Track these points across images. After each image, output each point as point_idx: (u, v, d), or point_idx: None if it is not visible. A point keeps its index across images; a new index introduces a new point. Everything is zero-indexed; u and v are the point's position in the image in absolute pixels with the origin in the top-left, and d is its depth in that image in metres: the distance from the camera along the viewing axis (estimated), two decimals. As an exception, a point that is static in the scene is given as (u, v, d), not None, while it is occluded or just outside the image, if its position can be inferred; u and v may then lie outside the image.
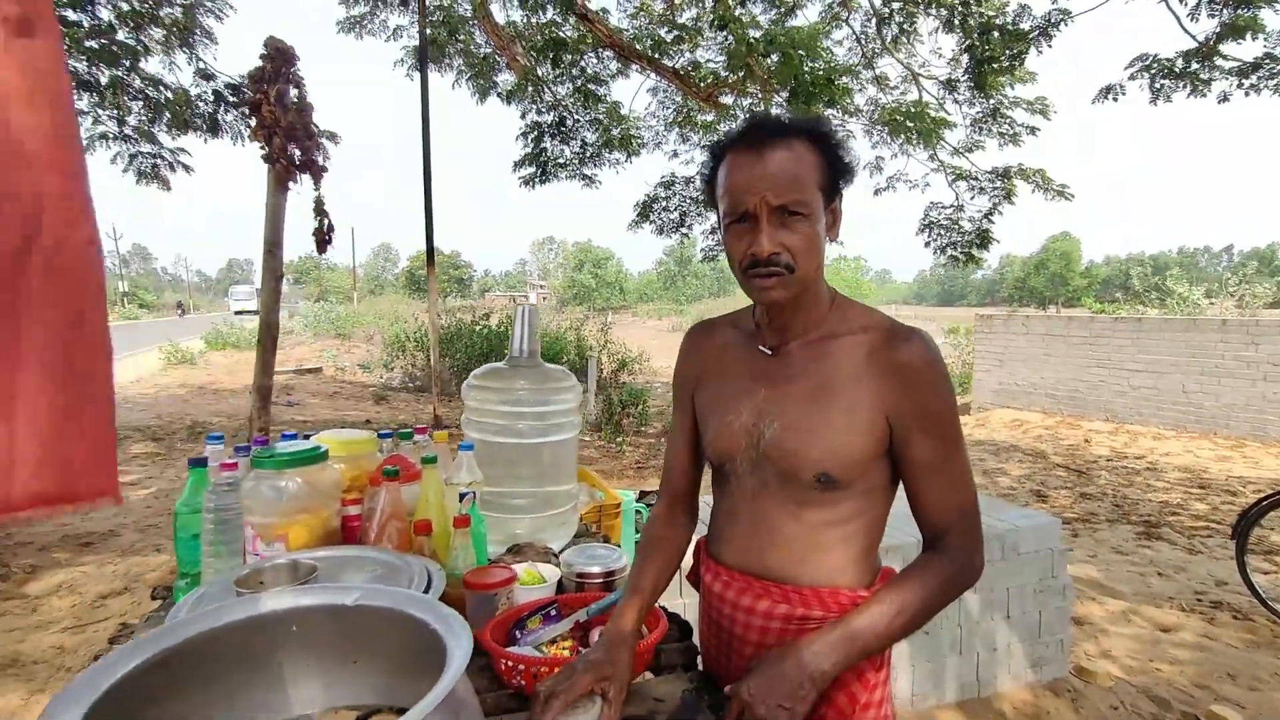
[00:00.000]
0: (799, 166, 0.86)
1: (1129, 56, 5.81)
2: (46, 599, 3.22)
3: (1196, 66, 5.47)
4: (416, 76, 7.04)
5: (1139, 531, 4.47)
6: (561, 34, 6.84)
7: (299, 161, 4.05)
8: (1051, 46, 5.95)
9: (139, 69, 6.14)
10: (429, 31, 6.95)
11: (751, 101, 7.27)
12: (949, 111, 7.20)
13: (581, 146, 8.20)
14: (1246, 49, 5.28)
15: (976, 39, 6.10)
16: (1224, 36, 5.18)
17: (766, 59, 6.25)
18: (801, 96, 5.96)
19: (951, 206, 7.62)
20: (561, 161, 8.24)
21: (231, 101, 6.25)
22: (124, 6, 5.91)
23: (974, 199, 7.49)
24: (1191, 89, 5.60)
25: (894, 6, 6.59)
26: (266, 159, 4.00)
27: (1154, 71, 5.64)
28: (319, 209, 4.28)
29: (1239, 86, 5.46)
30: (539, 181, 8.25)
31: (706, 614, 1.07)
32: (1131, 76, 5.73)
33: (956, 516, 0.90)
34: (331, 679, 0.82)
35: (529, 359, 1.50)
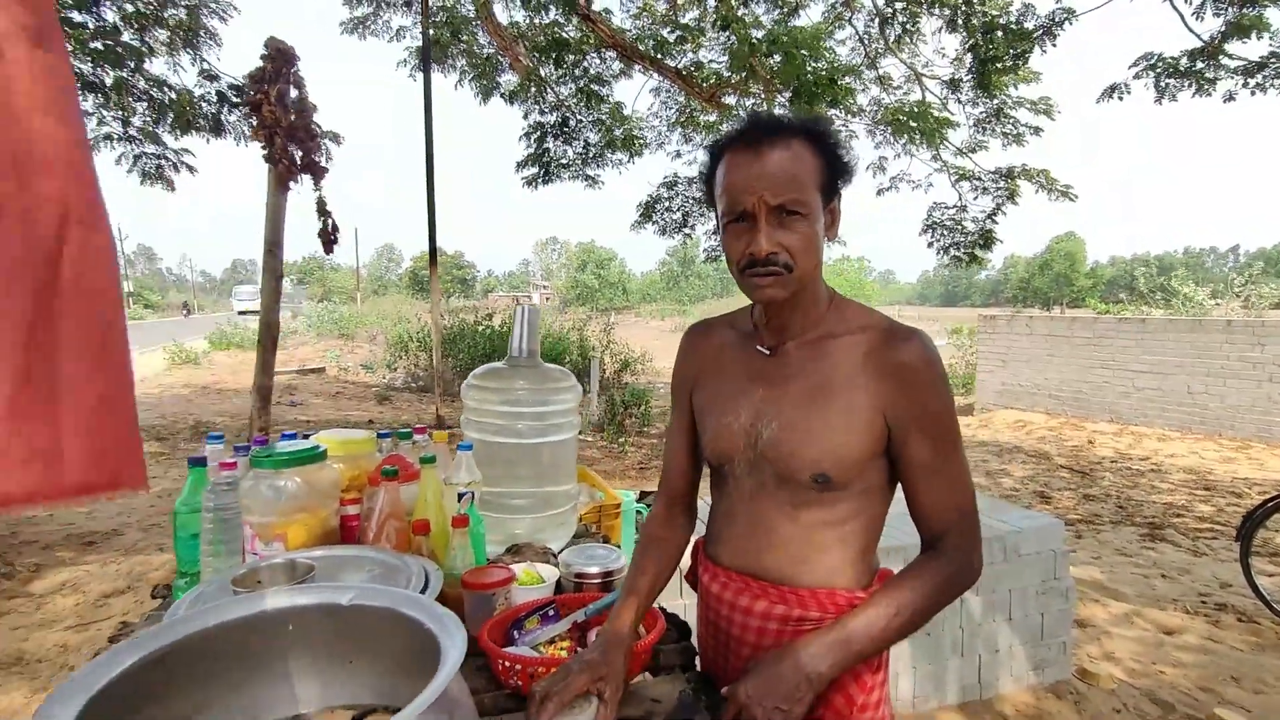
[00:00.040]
0: (797, 166, 0.86)
1: (1133, 55, 5.77)
2: (50, 597, 3.23)
3: (1202, 65, 5.44)
4: (419, 77, 7.06)
5: (1143, 533, 4.45)
6: (564, 34, 6.84)
7: (300, 162, 4.06)
8: (1056, 45, 5.92)
9: (143, 70, 6.17)
10: (432, 32, 6.96)
11: (754, 102, 7.26)
12: (952, 112, 7.18)
13: (584, 147, 8.21)
14: (1252, 48, 5.26)
15: (980, 38, 6.08)
16: (1229, 35, 5.16)
17: (769, 59, 6.25)
18: (804, 97, 5.95)
19: (955, 207, 7.60)
20: (564, 162, 8.25)
21: (234, 102, 6.27)
22: (129, 8, 5.93)
23: (977, 199, 7.47)
24: (1197, 88, 5.57)
25: (897, 6, 6.57)
26: (268, 159, 4.00)
27: (1159, 70, 5.60)
28: (321, 209, 4.28)
29: (1244, 86, 5.43)
30: (542, 182, 8.26)
31: (704, 615, 1.07)
32: (1136, 75, 5.70)
33: (955, 517, 0.90)
34: (328, 678, 0.82)
35: (528, 359, 1.50)
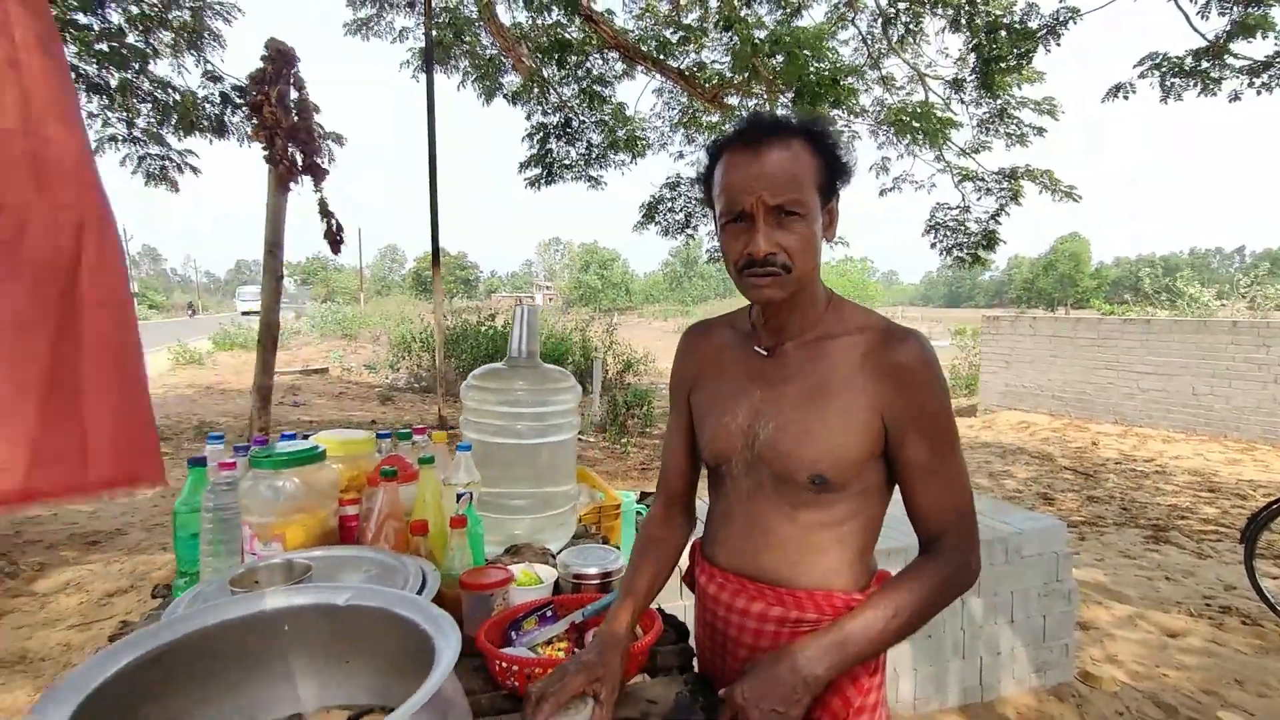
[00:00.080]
0: (796, 166, 0.86)
1: (1138, 54, 5.73)
2: (54, 596, 3.25)
3: (1207, 65, 5.41)
4: (421, 78, 7.07)
5: (1147, 535, 4.43)
6: (567, 35, 6.85)
7: (301, 164, 4.07)
8: (1060, 45, 5.90)
9: (148, 72, 6.19)
10: (435, 33, 6.97)
11: (757, 102, 7.25)
12: (955, 112, 7.16)
13: (587, 148, 8.21)
14: (1257, 48, 5.23)
15: (983, 38, 6.06)
16: (1234, 35, 5.13)
17: (772, 59, 6.24)
18: (807, 97, 5.93)
19: (958, 207, 7.58)
20: (567, 163, 8.25)
21: (237, 103, 6.29)
22: (134, 10, 5.96)
23: (980, 200, 7.44)
24: (1202, 88, 5.53)
25: (900, 6, 6.55)
26: (268, 160, 4.01)
27: (1164, 70, 5.57)
28: (324, 210, 4.29)
29: (1250, 85, 5.40)
30: (545, 183, 8.27)
31: (701, 616, 1.07)
32: (1141, 75, 5.66)
33: (953, 518, 0.90)
34: (325, 678, 0.82)
35: (528, 359, 1.50)
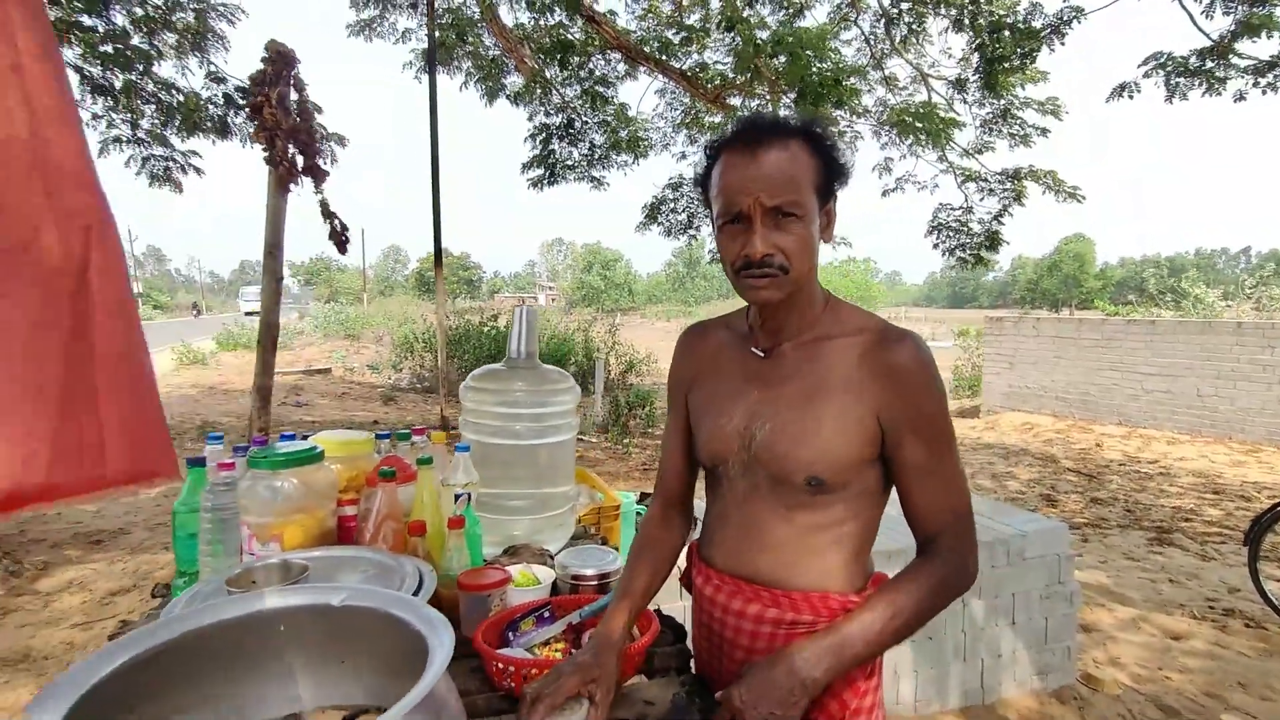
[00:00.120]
0: (794, 167, 0.86)
1: (1143, 53, 5.71)
2: (58, 595, 3.26)
3: (1212, 65, 5.39)
4: (423, 78, 7.08)
5: (1151, 537, 4.41)
6: (569, 36, 6.85)
7: (301, 166, 4.07)
8: (1064, 44, 5.88)
9: (152, 73, 6.22)
10: (437, 34, 6.98)
11: (759, 103, 7.25)
12: (958, 112, 7.14)
13: (589, 148, 8.21)
14: (1262, 47, 5.21)
15: (987, 38, 6.04)
16: (1239, 35, 5.11)
17: (774, 60, 6.24)
18: (809, 97, 5.93)
19: (960, 208, 7.56)
20: (570, 163, 8.26)
21: (240, 104, 6.32)
22: (138, 12, 5.99)
23: (983, 200, 7.42)
24: (1207, 87, 5.51)
25: (903, 6, 6.53)
26: (268, 161, 4.01)
27: (1169, 69, 5.55)
28: (326, 211, 4.30)
29: (1255, 85, 5.37)
30: (547, 183, 8.27)
31: (698, 617, 1.06)
32: (1146, 74, 5.64)
33: (950, 519, 0.90)
34: (320, 678, 0.82)
35: (527, 360, 1.50)
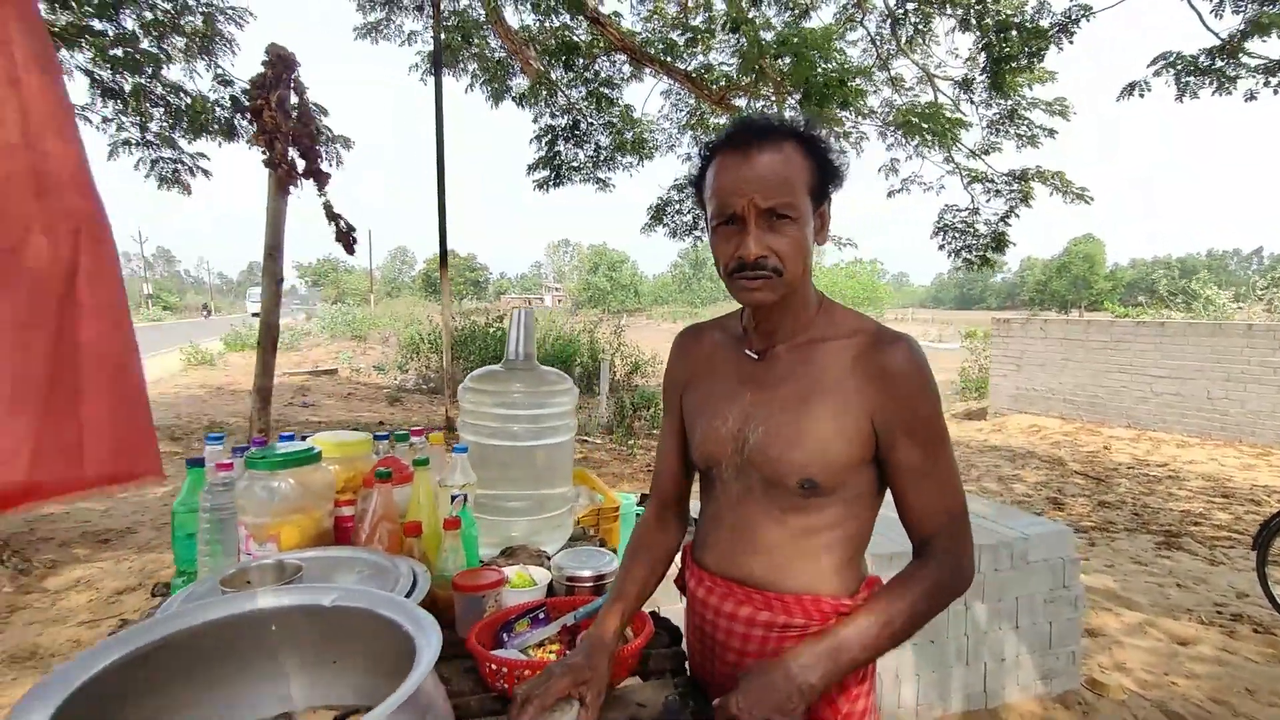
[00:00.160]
0: (788, 169, 0.85)
1: (1152, 52, 5.66)
2: (65, 593, 3.30)
3: (1221, 64, 5.34)
4: (429, 80, 7.11)
5: (1159, 541, 4.37)
6: (574, 38, 6.87)
7: (302, 169, 4.08)
8: (1072, 43, 5.83)
9: (160, 76, 6.27)
10: (443, 36, 7.01)
11: (764, 104, 7.24)
12: (965, 113, 7.10)
13: (595, 150, 8.22)
14: (1272, 46, 5.17)
15: (994, 37, 6.00)
16: (1249, 34, 5.06)
17: (779, 61, 6.23)
18: (814, 98, 5.91)
19: (967, 209, 7.52)
20: (575, 165, 8.27)
21: (246, 106, 6.36)
22: (148, 16, 6.04)
23: (990, 202, 7.38)
24: (1217, 86, 5.45)
25: (909, 7, 6.51)
26: (267, 164, 4.02)
27: (1179, 68, 5.50)
28: (330, 214, 4.31)
29: (1266, 84, 5.32)
30: (553, 185, 8.29)
31: (691, 620, 1.06)
32: (1156, 73, 5.59)
33: (945, 521, 0.89)
34: (312, 678, 0.83)
35: (525, 362, 1.50)
